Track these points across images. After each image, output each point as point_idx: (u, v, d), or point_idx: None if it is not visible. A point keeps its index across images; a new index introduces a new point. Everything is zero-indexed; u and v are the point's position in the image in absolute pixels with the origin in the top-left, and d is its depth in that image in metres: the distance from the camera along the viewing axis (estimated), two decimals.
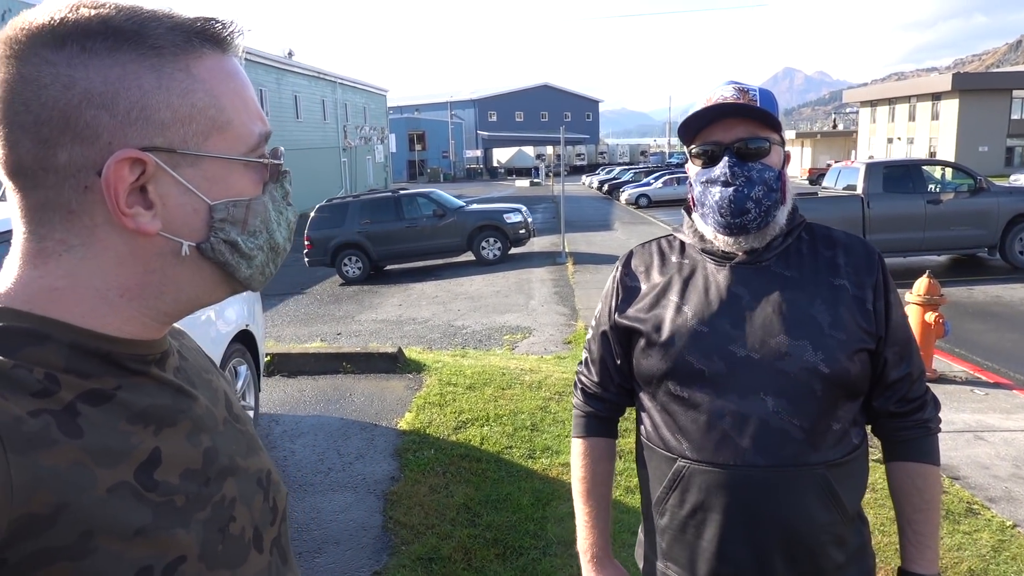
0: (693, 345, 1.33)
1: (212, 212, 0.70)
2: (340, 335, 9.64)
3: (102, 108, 0.63)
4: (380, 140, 47.98)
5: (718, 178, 1.34)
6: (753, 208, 1.32)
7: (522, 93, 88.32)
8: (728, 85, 1.39)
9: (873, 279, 1.37)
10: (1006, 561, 3.37)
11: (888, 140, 58.08)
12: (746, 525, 1.30)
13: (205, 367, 0.85)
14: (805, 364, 1.29)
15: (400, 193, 16.44)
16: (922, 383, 1.42)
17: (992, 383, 6.31)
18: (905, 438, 1.41)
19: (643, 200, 31.34)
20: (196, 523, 0.67)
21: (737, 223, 1.33)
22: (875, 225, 11.46)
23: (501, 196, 36.63)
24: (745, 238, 1.36)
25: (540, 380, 5.97)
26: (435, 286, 13.47)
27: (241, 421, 0.84)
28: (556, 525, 3.61)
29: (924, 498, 1.39)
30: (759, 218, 1.33)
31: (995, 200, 11.74)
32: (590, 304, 10.45)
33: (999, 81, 52.94)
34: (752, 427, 1.29)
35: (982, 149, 48.22)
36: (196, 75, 0.68)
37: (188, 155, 0.67)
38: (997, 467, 4.47)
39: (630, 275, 1.50)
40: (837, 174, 13.09)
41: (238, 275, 0.73)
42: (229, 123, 0.70)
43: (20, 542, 0.55)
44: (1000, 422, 5.28)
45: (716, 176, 1.34)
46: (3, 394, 0.58)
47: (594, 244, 17.90)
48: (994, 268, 12.12)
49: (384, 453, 4.62)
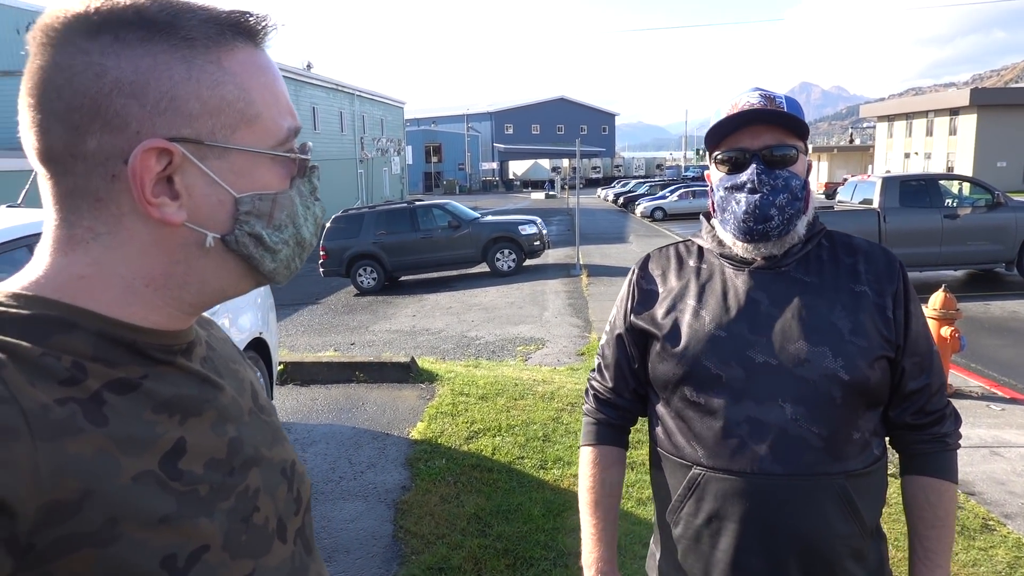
0: (711, 350, 1.32)
1: (238, 204, 0.70)
2: (354, 345, 9.69)
3: (132, 97, 0.64)
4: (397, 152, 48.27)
5: (744, 184, 1.33)
6: (776, 215, 1.31)
7: (538, 106, 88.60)
8: (754, 91, 1.39)
9: (894, 287, 1.35)
10: None
11: (905, 155, 57.68)
12: (762, 535, 1.27)
13: (232, 357, 0.86)
14: (825, 371, 1.27)
15: (415, 204, 16.51)
16: (942, 396, 1.39)
17: (1008, 399, 6.24)
18: (921, 452, 1.38)
19: (658, 213, 31.29)
20: (220, 512, 0.68)
21: (759, 229, 1.32)
22: (891, 239, 11.38)
23: (516, 208, 36.71)
24: (765, 245, 1.35)
25: (553, 391, 5.97)
26: (449, 297, 13.50)
27: (266, 412, 0.84)
28: (567, 536, 3.61)
29: (937, 514, 1.36)
30: (781, 226, 1.32)
31: (1013, 215, 11.64)
32: (604, 316, 10.44)
33: (1018, 97, 52.48)
34: (770, 434, 1.27)
35: (1000, 164, 47.76)
36: (227, 68, 0.68)
37: (215, 147, 0.68)
38: (1014, 483, 4.42)
39: (647, 278, 1.49)
40: (854, 188, 13.04)
41: (262, 268, 0.74)
42: (258, 116, 0.70)
43: (47, 528, 0.56)
44: (1017, 438, 5.22)
45: (742, 182, 1.33)
46: (31, 381, 0.59)
47: (609, 257, 17.90)
48: (1011, 283, 11.99)
49: (395, 462, 4.64)
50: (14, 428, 0.55)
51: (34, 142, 0.66)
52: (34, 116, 0.65)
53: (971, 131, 49.13)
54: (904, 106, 60.34)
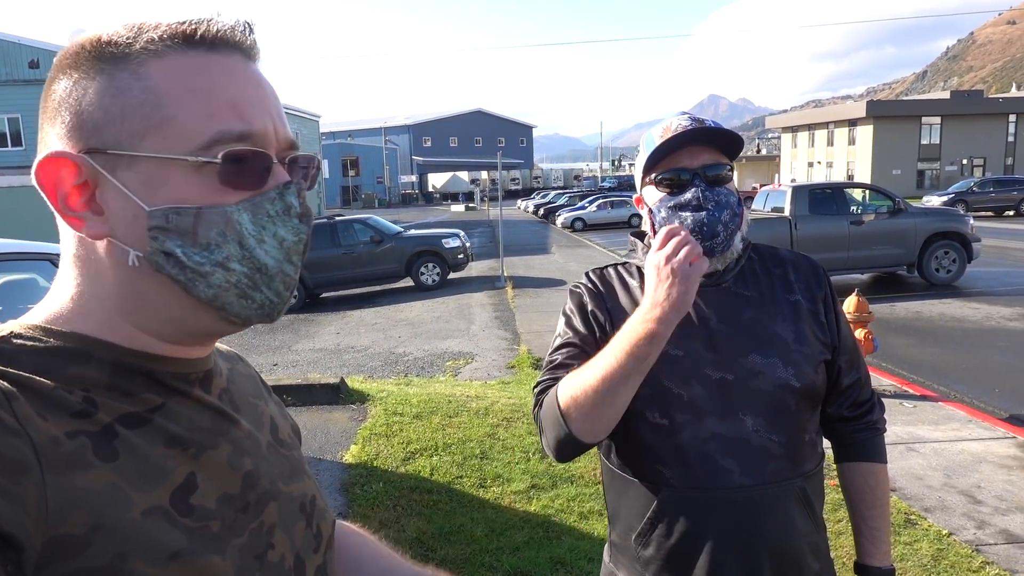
0: (670, 370, 1.33)
1: (148, 219, 0.64)
2: (276, 366, 9.39)
3: (54, 118, 0.66)
4: None
5: (689, 203, 1.35)
6: (722, 231, 1.35)
7: (456, 118, 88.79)
8: (682, 115, 1.42)
9: (823, 292, 1.45)
10: (946, 570, 3.49)
11: (809, 164, 60.54)
12: (738, 547, 1.30)
13: (254, 392, 0.84)
14: (778, 381, 1.33)
15: (336, 219, 16.21)
16: (869, 386, 1.51)
17: (919, 395, 6.58)
18: (857, 440, 1.47)
19: (579, 223, 31.75)
20: (232, 549, 0.66)
21: (707, 246, 1.35)
22: (802, 245, 11.87)
23: (438, 221, 36.55)
24: (711, 261, 1.38)
25: (487, 407, 5.93)
26: (374, 313, 13.28)
27: (286, 446, 0.82)
28: (511, 555, 3.57)
29: (876, 494, 1.45)
30: (725, 241, 1.36)
31: (913, 221, 12.36)
32: (531, 328, 10.48)
33: (910, 108, 55.98)
34: (736, 448, 1.30)
35: (895, 172, 50.71)
36: (142, 74, 0.65)
37: (123, 155, 0.64)
38: (930, 477, 4.64)
39: (594, 294, 1.47)
40: (766, 197, 13.58)
41: (195, 293, 0.66)
42: (170, 119, 0.64)
43: (55, 562, 0.55)
44: (929, 433, 5.50)
45: (687, 201, 1.35)
46: (42, 414, 0.58)
47: (533, 268, 18.01)
48: (913, 285, 12.69)
49: (330, 489, 4.49)
50: (24, 461, 0.55)
51: None
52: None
53: (868, 141, 52.02)
54: (806, 117, 63.41)
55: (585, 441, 1.27)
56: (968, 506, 4.21)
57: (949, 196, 30.00)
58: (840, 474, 1.51)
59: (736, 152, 1.42)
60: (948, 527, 3.94)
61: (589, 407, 1.23)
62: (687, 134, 1.36)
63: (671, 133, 1.37)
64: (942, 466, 4.82)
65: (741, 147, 1.43)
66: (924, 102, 58.71)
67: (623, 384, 1.21)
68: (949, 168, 51.87)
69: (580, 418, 1.24)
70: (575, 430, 1.25)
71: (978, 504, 4.23)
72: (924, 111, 54.03)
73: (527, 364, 8.34)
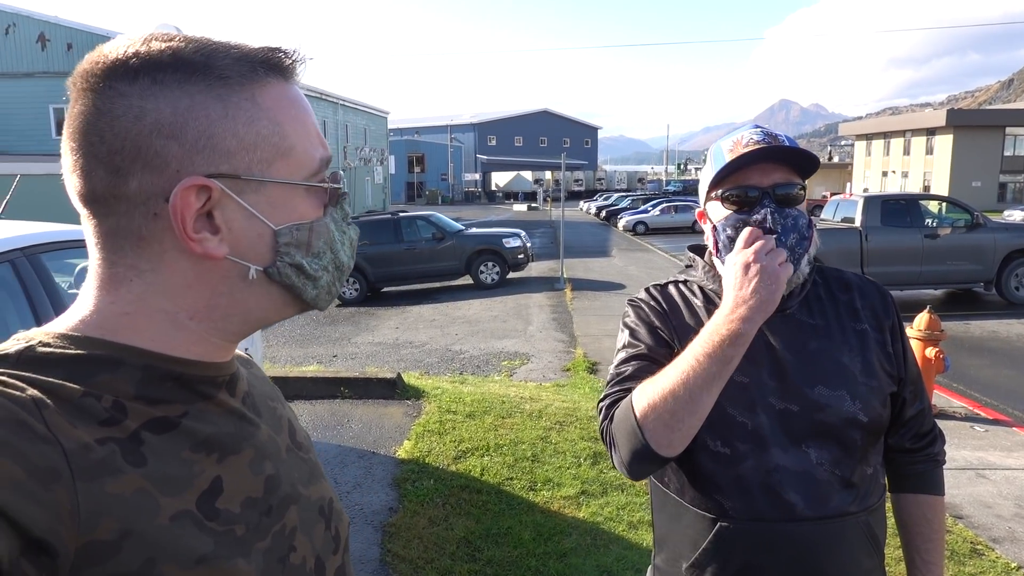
0: (735, 397, 1.28)
1: (277, 236, 0.71)
2: (336, 357, 9.59)
3: (171, 138, 0.65)
4: (380, 161, 48.17)
5: (758, 223, 1.30)
6: (789, 256, 1.27)
7: (522, 118, 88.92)
8: (756, 129, 1.37)
9: (890, 321, 1.39)
10: None
11: (883, 173, 58.56)
12: None
13: (270, 395, 0.87)
14: (845, 414, 1.29)
15: (399, 215, 16.46)
16: (931, 416, 1.46)
17: (991, 419, 6.30)
18: (917, 471, 1.43)
19: (640, 227, 31.43)
20: (256, 553, 0.68)
21: None
22: (873, 258, 11.50)
23: (499, 220, 36.70)
24: None
25: (540, 409, 5.93)
26: (432, 309, 13.43)
27: (304, 449, 0.85)
28: (558, 561, 3.56)
29: (933, 528, 1.41)
30: (793, 265, 1.30)
31: (991, 236, 11.82)
32: (589, 331, 10.44)
33: (992, 118, 53.54)
34: (799, 481, 1.26)
35: (975, 184, 48.63)
36: (260, 103, 0.70)
37: (252, 181, 0.69)
38: (1000, 506, 4.44)
39: (655, 308, 1.42)
40: (836, 206, 13.18)
41: (305, 296, 0.75)
42: (292, 149, 0.72)
43: (87, 568, 0.57)
44: (1001, 460, 5.27)
45: (755, 221, 1.30)
46: (72, 422, 0.60)
47: (592, 271, 17.92)
48: (990, 303, 12.16)
49: (382, 483, 4.57)
50: (56, 469, 0.56)
51: (77, 184, 0.68)
52: (76, 160, 0.67)
53: (947, 151, 50.00)
54: (882, 125, 61.31)
55: (662, 454, 1.20)
56: None
57: None
58: (895, 505, 1.45)
59: (811, 171, 1.36)
60: (1017, 560, 3.76)
61: (669, 415, 1.17)
62: (760, 152, 1.31)
63: (742, 148, 1.32)
64: (1013, 495, 4.61)
65: (816, 167, 1.36)
66: (1009, 112, 56.06)
67: (706, 390, 1.15)
68: None
69: (659, 428, 1.18)
70: (652, 441, 1.19)
71: None
72: (1009, 121, 51.62)
73: (583, 368, 8.31)
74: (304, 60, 0.75)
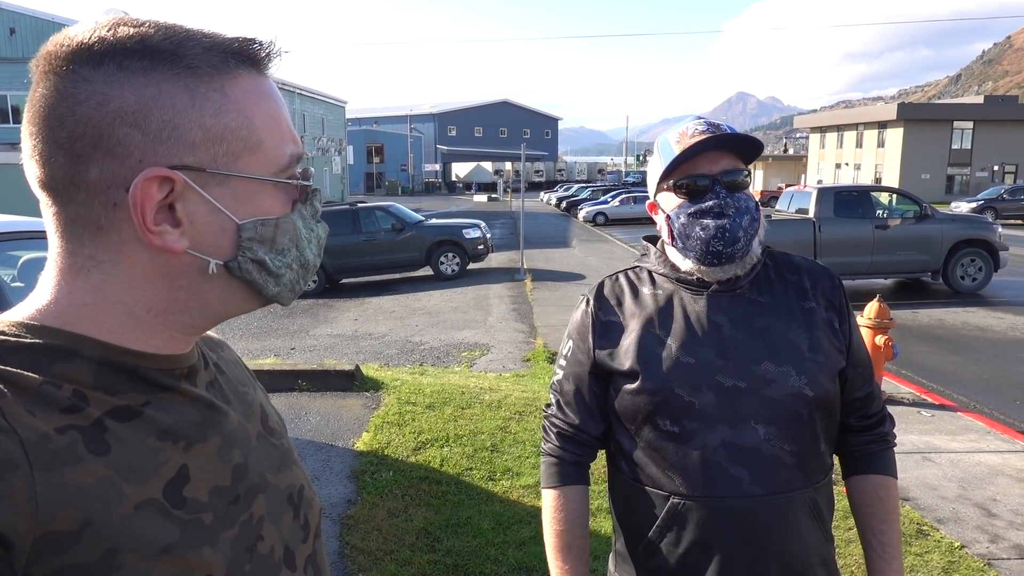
0: (681, 377, 1.32)
1: (240, 231, 0.70)
2: (294, 350, 9.47)
3: (134, 126, 0.64)
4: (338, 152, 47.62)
5: (710, 209, 1.35)
6: (743, 237, 1.35)
7: (482, 109, 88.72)
8: (698, 120, 1.42)
9: (838, 301, 1.43)
10: None
11: (836, 165, 59.84)
12: (747, 557, 1.29)
13: (242, 379, 0.86)
14: (791, 389, 1.31)
15: (358, 206, 16.28)
16: (880, 400, 1.50)
17: (937, 404, 6.50)
18: (867, 452, 1.46)
19: (600, 218, 31.63)
20: (223, 542, 0.67)
21: (728, 252, 1.34)
22: (826, 248, 11.75)
23: (459, 211, 36.58)
24: (729, 267, 1.37)
25: (500, 399, 5.94)
26: (392, 300, 13.34)
27: (276, 435, 0.84)
28: (517, 550, 3.58)
29: (887, 508, 1.43)
30: (745, 247, 1.36)
31: (939, 227, 12.17)
32: (548, 321, 10.48)
33: (941, 112, 55.05)
34: (746, 456, 1.29)
35: (924, 177, 49.98)
36: (230, 95, 0.68)
37: (217, 174, 0.67)
38: (945, 488, 4.59)
39: (604, 308, 1.47)
40: (790, 198, 13.44)
41: (266, 292, 0.73)
42: (261, 144, 0.70)
43: (45, 559, 0.56)
44: (946, 443, 5.44)
45: (708, 207, 1.35)
46: (31, 411, 0.59)
47: (552, 261, 17.98)
48: (937, 292, 12.52)
49: (340, 475, 4.53)
50: (12, 459, 0.55)
51: (36, 171, 0.66)
52: (36, 145, 0.65)
53: (898, 144, 51.31)
54: (836, 118, 62.61)
55: None
56: (982, 519, 4.15)
57: (978, 203, 29.53)
58: (849, 488, 1.48)
59: (754, 157, 1.42)
60: (961, 539, 3.89)
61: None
62: (709, 141, 1.35)
63: (689, 139, 1.36)
64: (958, 477, 4.76)
65: (760, 151, 1.42)
66: (957, 106, 57.69)
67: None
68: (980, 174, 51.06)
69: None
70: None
71: (993, 517, 4.17)
72: (956, 115, 53.17)
73: (542, 358, 8.34)
74: (280, 53, 0.73)
